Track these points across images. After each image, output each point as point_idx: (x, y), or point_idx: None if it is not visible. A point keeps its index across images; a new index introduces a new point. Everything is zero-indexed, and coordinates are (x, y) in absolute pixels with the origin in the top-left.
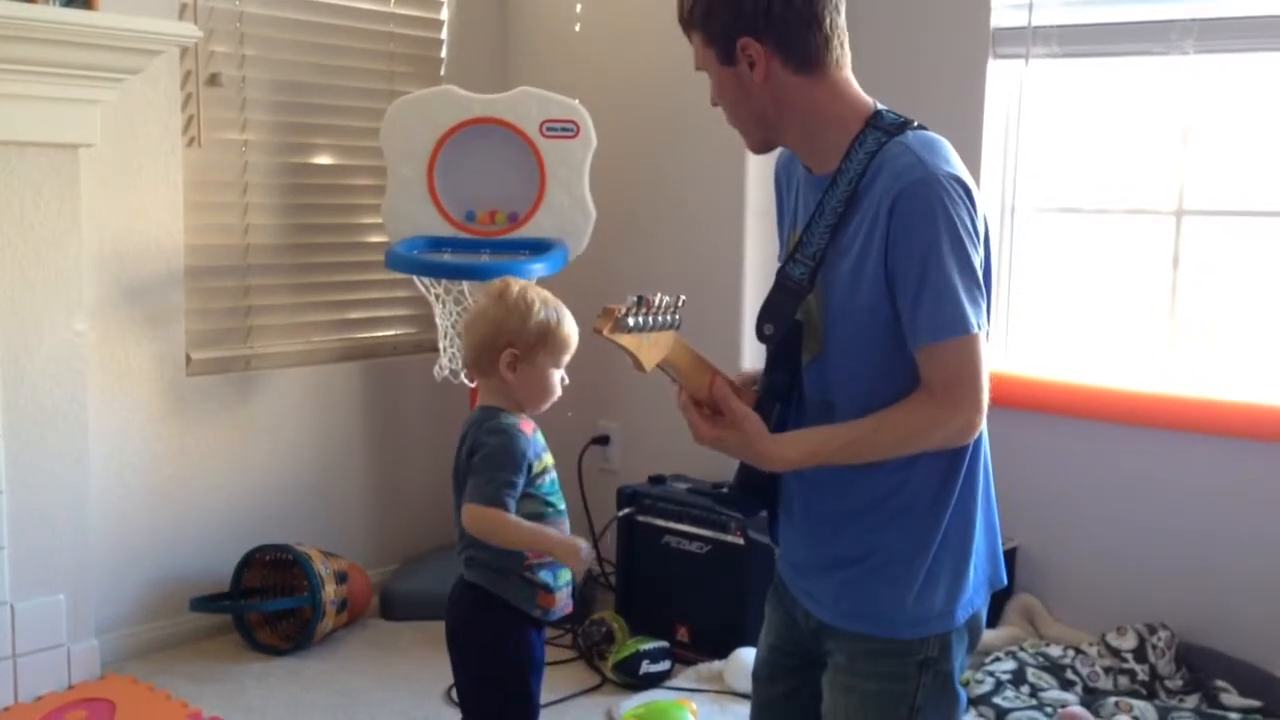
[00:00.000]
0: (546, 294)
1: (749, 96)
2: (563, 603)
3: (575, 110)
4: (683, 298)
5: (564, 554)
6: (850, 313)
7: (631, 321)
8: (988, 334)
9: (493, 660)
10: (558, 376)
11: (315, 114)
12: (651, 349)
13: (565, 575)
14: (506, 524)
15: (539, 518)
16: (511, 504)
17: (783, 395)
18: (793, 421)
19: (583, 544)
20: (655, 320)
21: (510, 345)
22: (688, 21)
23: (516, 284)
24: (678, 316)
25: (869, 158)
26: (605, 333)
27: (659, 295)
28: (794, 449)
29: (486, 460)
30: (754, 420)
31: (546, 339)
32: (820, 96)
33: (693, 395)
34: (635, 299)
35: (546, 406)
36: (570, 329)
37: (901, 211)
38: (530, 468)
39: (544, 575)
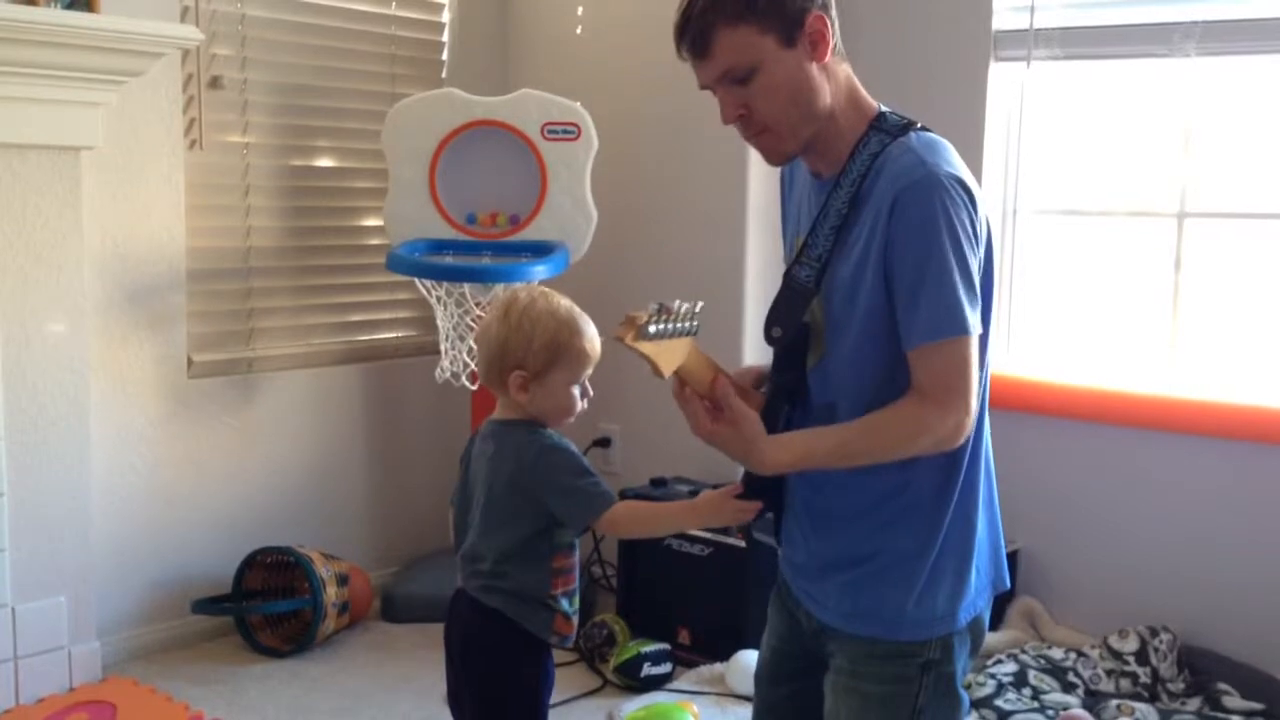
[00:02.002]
0: (560, 304)
1: (806, 81)
2: (574, 628)
3: (576, 112)
4: (700, 304)
5: (729, 512)
6: (852, 314)
7: (653, 329)
8: (986, 337)
9: (514, 684)
10: (576, 391)
11: (317, 116)
12: (670, 356)
13: (576, 602)
14: (648, 512)
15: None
16: (612, 493)
17: (790, 398)
18: (798, 425)
19: (720, 493)
20: (675, 327)
21: (518, 367)
22: (740, 12)
23: (524, 297)
24: (696, 323)
25: (872, 159)
26: (628, 341)
27: (678, 302)
28: (787, 452)
29: (566, 477)
30: (753, 421)
31: (558, 357)
32: (845, 85)
33: (696, 393)
34: (656, 306)
35: (569, 421)
36: (587, 342)
37: (901, 211)
38: None
39: (564, 603)
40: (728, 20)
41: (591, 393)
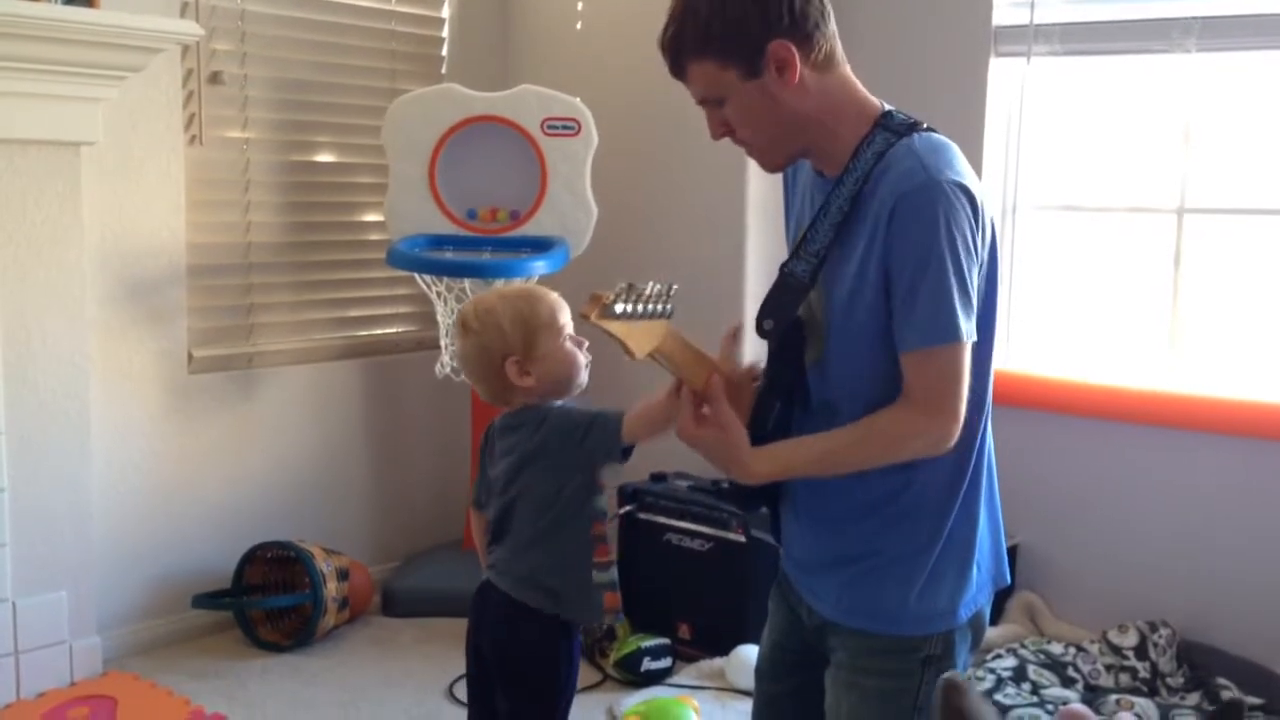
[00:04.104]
0: (503, 289)
1: (776, 106)
2: (620, 601)
3: (576, 108)
4: (674, 285)
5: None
6: (851, 313)
7: (619, 308)
8: (990, 337)
9: (550, 673)
10: (570, 345)
11: (317, 112)
12: (642, 337)
13: (615, 574)
14: (641, 410)
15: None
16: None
17: (784, 393)
18: (797, 424)
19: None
20: (645, 308)
21: (506, 357)
22: (700, 47)
23: (468, 307)
24: (669, 305)
25: (876, 158)
26: (592, 318)
27: (650, 283)
28: (767, 463)
29: (581, 419)
30: (737, 429)
31: (531, 328)
32: (836, 93)
33: (691, 389)
34: (624, 285)
35: (584, 377)
36: (546, 304)
37: (901, 216)
38: None
39: (607, 574)
40: (691, 54)
41: (586, 342)
